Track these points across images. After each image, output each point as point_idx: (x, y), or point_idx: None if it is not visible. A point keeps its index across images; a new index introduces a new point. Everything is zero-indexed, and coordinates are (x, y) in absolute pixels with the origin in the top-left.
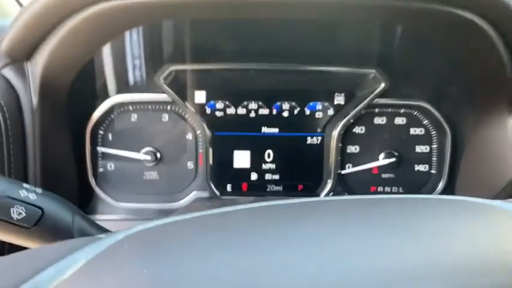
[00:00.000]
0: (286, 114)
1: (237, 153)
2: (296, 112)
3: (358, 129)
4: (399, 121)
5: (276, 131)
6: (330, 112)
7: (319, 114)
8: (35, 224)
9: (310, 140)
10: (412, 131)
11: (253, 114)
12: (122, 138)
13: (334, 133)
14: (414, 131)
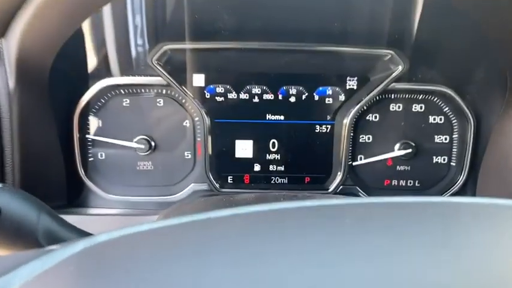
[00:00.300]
0: (293, 99)
1: (239, 142)
2: (304, 97)
3: (372, 117)
4: (417, 108)
5: (282, 118)
6: (341, 98)
7: (329, 100)
8: None
9: (318, 128)
10: (431, 119)
11: (256, 100)
12: (113, 125)
13: (346, 121)
14: (433, 119)
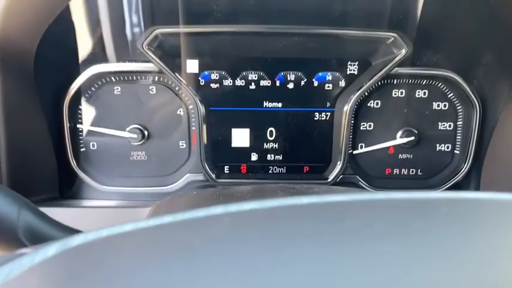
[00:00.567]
0: (291, 86)
1: (235, 131)
2: (302, 84)
3: (373, 104)
4: (420, 94)
5: (279, 105)
6: (342, 84)
7: (329, 86)
8: None
9: (318, 116)
10: (434, 106)
11: (253, 86)
12: (105, 113)
13: (346, 108)
14: (437, 106)
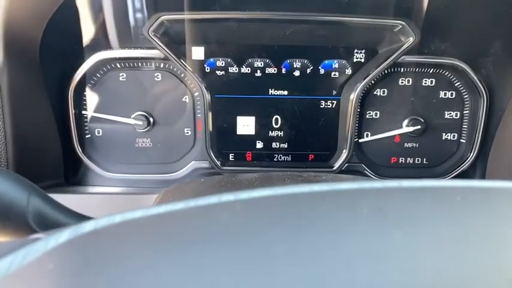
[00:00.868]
0: (297, 73)
1: (240, 118)
2: (309, 71)
3: (380, 92)
4: (427, 82)
5: (285, 93)
6: (348, 71)
7: (335, 74)
8: None
9: (324, 104)
10: (441, 94)
11: (259, 74)
12: (110, 100)
13: (352, 96)
14: (444, 95)
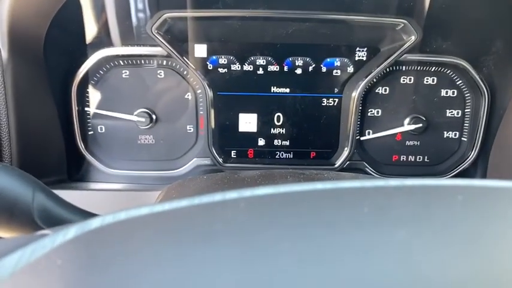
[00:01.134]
0: (299, 71)
1: (243, 115)
2: (311, 69)
3: (382, 90)
4: (429, 81)
5: (287, 91)
6: (350, 70)
7: (337, 72)
8: None
9: (325, 102)
10: (443, 93)
11: (261, 72)
12: (113, 97)
13: (354, 94)
14: (445, 93)
